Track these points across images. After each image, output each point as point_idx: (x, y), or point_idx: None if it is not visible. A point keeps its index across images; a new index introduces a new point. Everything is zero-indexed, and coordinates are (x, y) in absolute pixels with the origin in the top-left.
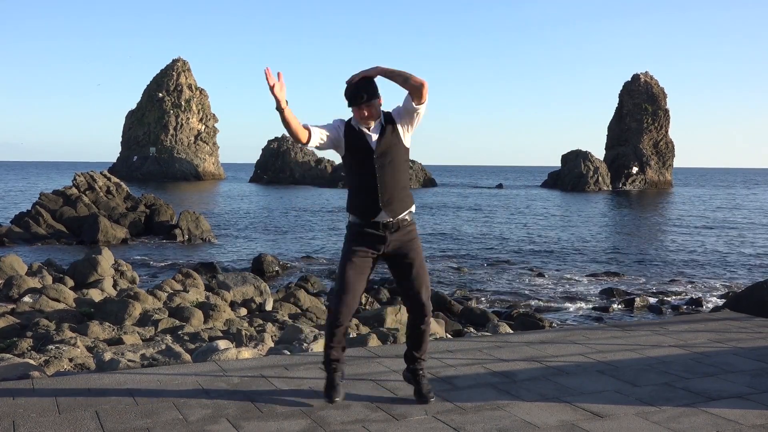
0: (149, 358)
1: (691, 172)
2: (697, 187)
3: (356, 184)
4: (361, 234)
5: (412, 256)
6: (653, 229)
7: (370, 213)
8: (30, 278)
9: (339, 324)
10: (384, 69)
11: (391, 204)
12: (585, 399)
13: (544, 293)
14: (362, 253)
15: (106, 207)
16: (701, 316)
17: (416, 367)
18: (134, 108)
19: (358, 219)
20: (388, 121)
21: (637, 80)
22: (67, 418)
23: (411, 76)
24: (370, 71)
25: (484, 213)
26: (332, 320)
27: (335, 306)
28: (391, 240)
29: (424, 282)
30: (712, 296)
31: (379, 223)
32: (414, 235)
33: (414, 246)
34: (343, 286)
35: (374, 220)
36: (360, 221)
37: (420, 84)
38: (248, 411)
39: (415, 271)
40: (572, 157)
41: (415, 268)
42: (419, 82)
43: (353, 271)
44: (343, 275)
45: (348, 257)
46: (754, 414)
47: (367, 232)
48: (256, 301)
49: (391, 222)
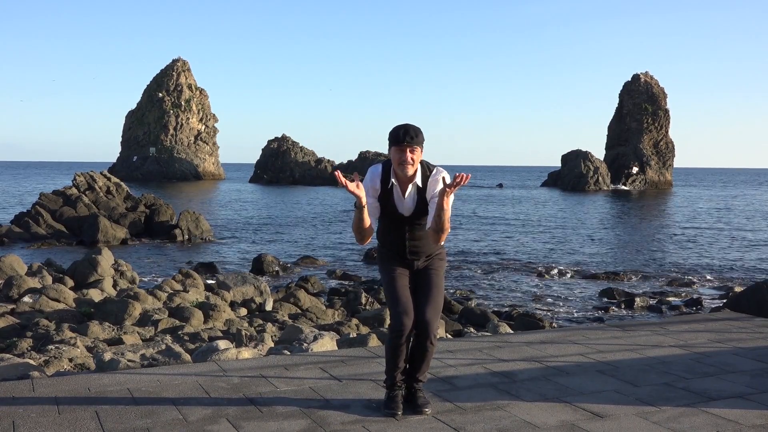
0: (149, 358)
1: (691, 172)
2: (697, 187)
3: (386, 229)
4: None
5: (432, 274)
6: (653, 229)
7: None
8: (30, 278)
9: (403, 339)
10: (446, 201)
11: (418, 255)
12: (585, 399)
13: (544, 293)
14: (400, 270)
15: (106, 207)
16: (701, 316)
17: (415, 387)
18: (134, 108)
19: (386, 252)
20: (424, 181)
21: (637, 80)
22: (67, 418)
23: (445, 231)
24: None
25: (484, 213)
26: (395, 336)
27: (395, 322)
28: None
29: (434, 300)
30: (712, 296)
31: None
32: (441, 257)
33: (436, 265)
34: (395, 301)
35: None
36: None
37: (440, 237)
38: (248, 411)
39: (429, 288)
40: (572, 157)
41: (429, 286)
42: (442, 237)
43: (399, 283)
44: (392, 290)
45: (389, 274)
46: (754, 414)
47: (397, 260)
48: (256, 301)
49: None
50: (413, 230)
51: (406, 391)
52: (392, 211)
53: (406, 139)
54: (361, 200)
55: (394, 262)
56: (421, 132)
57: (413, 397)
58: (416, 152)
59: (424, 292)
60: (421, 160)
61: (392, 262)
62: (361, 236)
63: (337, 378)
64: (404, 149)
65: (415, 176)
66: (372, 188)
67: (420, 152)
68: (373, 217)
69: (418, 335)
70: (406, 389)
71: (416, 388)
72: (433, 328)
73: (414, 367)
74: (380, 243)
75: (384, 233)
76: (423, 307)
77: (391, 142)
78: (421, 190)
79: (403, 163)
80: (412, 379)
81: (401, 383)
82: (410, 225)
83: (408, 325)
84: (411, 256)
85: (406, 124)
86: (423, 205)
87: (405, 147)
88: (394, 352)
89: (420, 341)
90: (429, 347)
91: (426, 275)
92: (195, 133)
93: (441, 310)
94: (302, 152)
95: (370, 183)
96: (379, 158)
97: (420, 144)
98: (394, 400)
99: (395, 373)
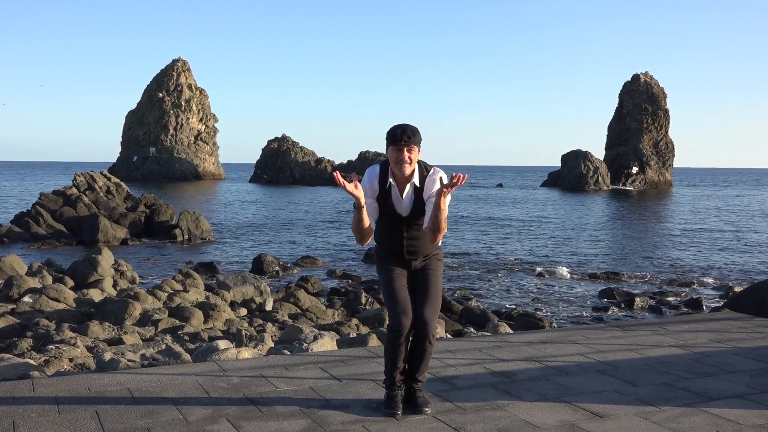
0: (149, 358)
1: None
2: (697, 187)
3: (384, 229)
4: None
5: (430, 274)
6: (653, 229)
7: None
8: (30, 278)
9: (402, 339)
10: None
11: (416, 255)
12: (585, 399)
13: (544, 293)
14: (398, 270)
15: (106, 207)
16: (701, 316)
17: (414, 387)
18: (134, 108)
19: (384, 252)
20: (421, 181)
21: (637, 80)
22: (67, 418)
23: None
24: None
25: (484, 213)
26: (394, 336)
27: (394, 322)
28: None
29: (432, 300)
30: (712, 296)
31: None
32: (439, 257)
33: (434, 265)
34: (393, 301)
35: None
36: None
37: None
38: (248, 411)
39: (427, 287)
40: (572, 157)
41: (428, 286)
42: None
43: (397, 283)
44: (390, 290)
45: (387, 274)
46: (754, 414)
47: (394, 260)
48: (256, 301)
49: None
50: (411, 230)
51: (406, 391)
52: (390, 212)
53: (404, 138)
54: (359, 201)
55: (392, 263)
56: (419, 132)
57: (413, 397)
58: (413, 151)
59: (423, 292)
60: (418, 161)
61: (390, 262)
62: (361, 236)
63: (337, 378)
64: (402, 148)
65: (413, 176)
66: (370, 189)
67: (417, 152)
68: (372, 217)
69: (417, 335)
70: (406, 389)
71: (416, 388)
72: (431, 328)
73: (413, 367)
74: (378, 244)
75: (382, 234)
76: (422, 308)
77: (388, 142)
78: (418, 189)
79: (400, 162)
80: (411, 380)
81: (401, 383)
82: (408, 225)
83: (407, 325)
84: (409, 256)
85: (403, 124)
86: (420, 205)
87: (402, 146)
88: (393, 351)
89: (419, 341)
90: (428, 347)
91: (424, 275)
92: (195, 133)
93: (439, 310)
94: (302, 152)
95: (368, 184)
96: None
97: (417, 143)
98: (393, 400)
99: (394, 373)
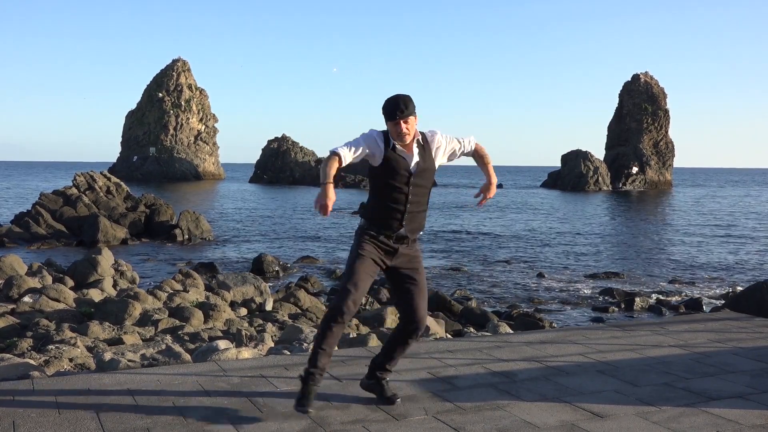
0: (149, 358)
1: (691, 172)
2: (697, 187)
3: (384, 198)
4: (374, 241)
5: (416, 274)
6: (653, 229)
7: (390, 228)
8: (30, 278)
9: (340, 321)
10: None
11: (412, 224)
12: (585, 399)
13: (544, 293)
14: (373, 258)
15: (106, 207)
16: (701, 316)
17: (382, 377)
18: (134, 108)
19: (374, 231)
20: (426, 143)
21: (637, 80)
22: (67, 418)
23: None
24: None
25: (483, 213)
26: (333, 314)
27: (340, 300)
28: (401, 254)
29: (423, 300)
30: (712, 296)
31: (394, 236)
32: (419, 254)
33: (417, 264)
34: (351, 282)
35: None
36: (376, 232)
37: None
38: (248, 411)
39: (417, 288)
40: (572, 157)
41: (417, 286)
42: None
43: (363, 271)
44: (353, 272)
45: (359, 256)
46: (754, 414)
47: (381, 241)
48: (256, 301)
49: (408, 238)
50: (415, 196)
51: (374, 380)
52: (402, 167)
53: (398, 113)
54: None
55: (373, 246)
56: (411, 100)
57: (382, 388)
58: (410, 121)
59: (414, 292)
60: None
61: (371, 247)
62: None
63: (337, 378)
64: (399, 122)
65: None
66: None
67: (414, 120)
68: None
69: (409, 330)
70: (375, 380)
71: (385, 378)
72: (422, 326)
73: (389, 357)
74: (369, 221)
75: (377, 208)
76: (419, 304)
77: (386, 118)
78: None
79: (400, 134)
80: (381, 369)
81: (320, 376)
82: (414, 187)
83: (352, 312)
84: (406, 230)
85: (395, 97)
86: (430, 162)
87: (399, 120)
88: (327, 332)
89: (407, 335)
90: (412, 343)
91: (411, 274)
92: (195, 133)
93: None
94: (302, 152)
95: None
96: None
97: (412, 113)
98: (307, 396)
99: (319, 361)
